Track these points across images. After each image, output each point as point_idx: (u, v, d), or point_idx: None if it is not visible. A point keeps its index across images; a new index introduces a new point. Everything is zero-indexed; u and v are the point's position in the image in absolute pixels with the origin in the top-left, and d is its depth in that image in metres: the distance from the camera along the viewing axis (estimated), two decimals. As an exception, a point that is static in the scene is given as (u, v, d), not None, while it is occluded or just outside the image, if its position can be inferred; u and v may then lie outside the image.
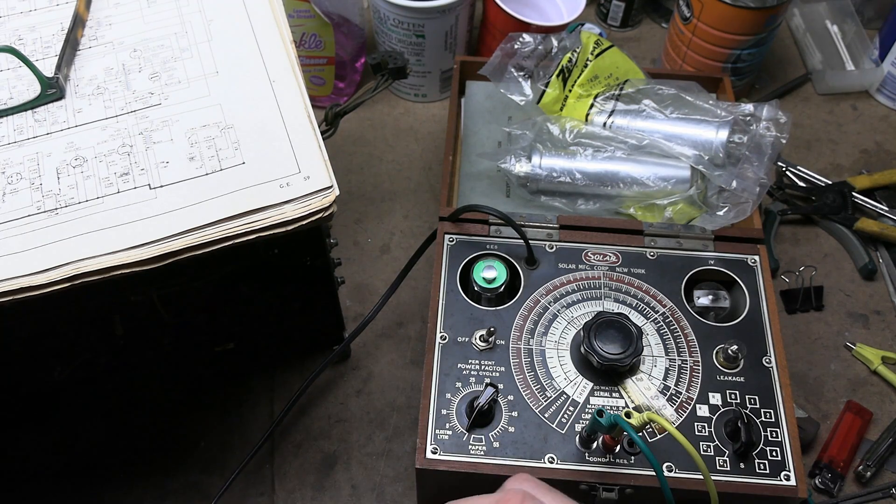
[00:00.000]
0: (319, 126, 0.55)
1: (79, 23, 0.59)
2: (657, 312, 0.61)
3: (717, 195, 0.67)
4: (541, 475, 0.53)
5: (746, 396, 0.57)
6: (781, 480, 0.54)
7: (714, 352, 0.59)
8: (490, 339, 0.59)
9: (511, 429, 0.55)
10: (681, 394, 0.57)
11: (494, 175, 0.70)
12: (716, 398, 0.57)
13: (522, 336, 0.59)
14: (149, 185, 0.51)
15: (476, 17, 0.91)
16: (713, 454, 0.55)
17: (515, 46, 0.71)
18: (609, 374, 0.57)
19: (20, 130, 0.54)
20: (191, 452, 0.69)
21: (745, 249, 0.64)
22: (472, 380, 0.57)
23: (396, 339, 0.75)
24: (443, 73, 0.89)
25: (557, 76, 0.70)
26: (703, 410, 0.57)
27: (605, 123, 0.70)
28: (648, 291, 0.62)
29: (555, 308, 0.61)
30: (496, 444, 0.55)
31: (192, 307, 0.61)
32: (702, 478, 0.51)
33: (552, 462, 0.54)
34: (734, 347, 0.58)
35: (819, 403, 0.72)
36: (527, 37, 0.71)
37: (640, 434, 0.48)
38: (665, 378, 0.58)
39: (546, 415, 0.56)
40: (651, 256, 0.64)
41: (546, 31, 0.77)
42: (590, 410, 0.56)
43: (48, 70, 0.55)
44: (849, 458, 0.68)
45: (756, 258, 0.64)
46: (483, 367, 0.58)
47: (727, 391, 0.57)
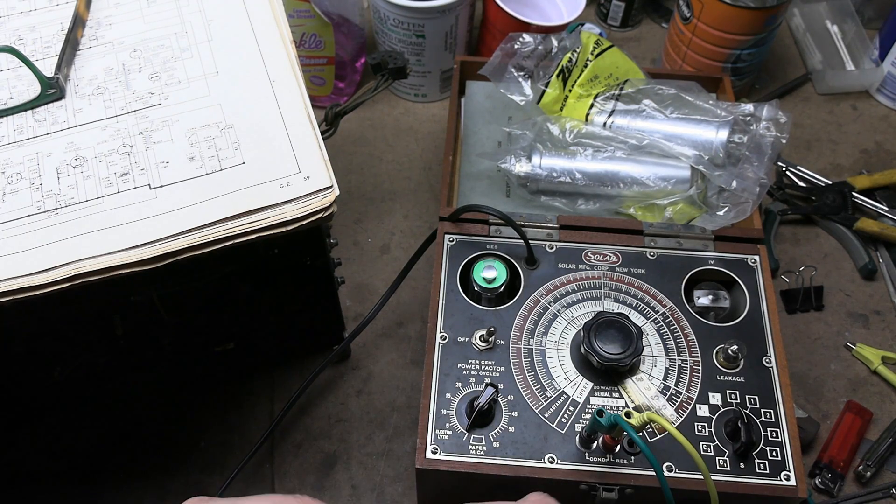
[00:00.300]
0: (319, 126, 0.55)
1: (79, 23, 0.59)
2: (657, 312, 0.61)
3: (717, 195, 0.67)
4: (541, 475, 0.54)
5: (746, 396, 0.57)
6: (781, 480, 0.54)
7: (714, 352, 0.59)
8: (490, 339, 0.59)
9: (511, 429, 0.55)
10: (681, 394, 0.57)
11: (494, 175, 0.70)
12: (716, 398, 0.57)
13: (522, 336, 0.59)
14: (149, 185, 0.51)
15: (476, 17, 0.91)
16: (713, 454, 0.55)
17: (515, 46, 0.71)
18: (609, 374, 0.57)
19: (20, 130, 0.54)
20: (191, 452, 0.69)
21: (745, 249, 0.64)
22: (472, 380, 0.57)
23: (396, 339, 0.75)
24: (443, 73, 0.89)
25: (557, 76, 0.70)
26: (703, 410, 0.57)
27: (605, 123, 0.70)
28: (648, 291, 0.62)
29: (555, 308, 0.61)
30: (496, 444, 0.55)
31: (192, 307, 0.61)
32: (702, 478, 0.51)
33: (552, 462, 0.54)
34: (734, 347, 0.58)
35: (819, 403, 0.72)
36: (527, 37, 0.71)
37: (640, 434, 0.48)
38: (665, 378, 0.58)
39: (546, 415, 0.56)
40: (651, 256, 0.64)
41: (546, 31, 0.77)
42: (590, 410, 0.56)
43: (48, 70, 0.55)
44: (849, 458, 0.68)
45: (756, 258, 0.64)
46: (483, 367, 0.58)
47: (727, 391, 0.57)
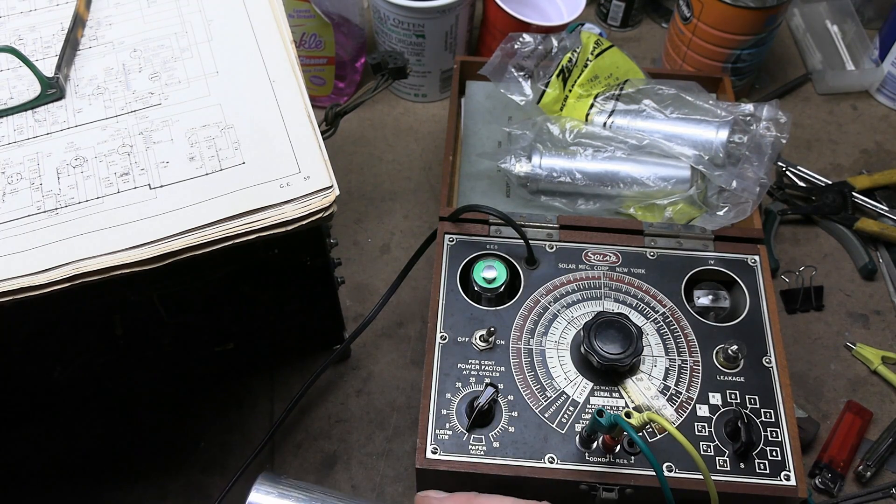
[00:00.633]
0: (319, 126, 0.55)
1: (79, 23, 0.59)
2: (657, 312, 0.61)
3: (717, 195, 0.67)
4: (541, 475, 0.54)
5: (746, 396, 0.57)
6: (781, 480, 0.54)
7: (714, 352, 0.59)
8: (490, 339, 0.59)
9: (511, 429, 0.55)
10: (681, 394, 0.57)
11: (494, 175, 0.70)
12: (716, 398, 0.57)
13: (522, 336, 0.59)
14: (149, 185, 0.51)
15: (476, 17, 0.91)
16: (713, 454, 0.55)
17: (515, 46, 0.71)
18: (609, 374, 0.57)
19: (20, 130, 0.54)
20: (191, 452, 0.69)
21: (745, 249, 0.64)
22: (472, 380, 0.57)
23: (396, 339, 0.75)
24: (443, 73, 0.89)
25: (557, 76, 0.70)
26: (703, 410, 0.57)
27: (605, 123, 0.70)
28: (648, 291, 0.62)
29: (555, 308, 0.61)
30: (496, 444, 0.55)
31: (192, 307, 0.61)
32: (702, 478, 0.51)
33: (552, 462, 0.54)
34: (734, 347, 0.58)
35: (819, 403, 0.72)
36: (527, 37, 0.71)
37: (640, 434, 0.48)
38: (665, 378, 0.58)
39: (546, 415, 0.56)
40: (651, 256, 0.64)
41: (546, 31, 0.77)
42: (590, 410, 0.56)
43: (48, 70, 0.55)
44: (849, 458, 0.68)
45: (756, 258, 0.64)
46: (483, 367, 0.58)
47: (727, 391, 0.57)
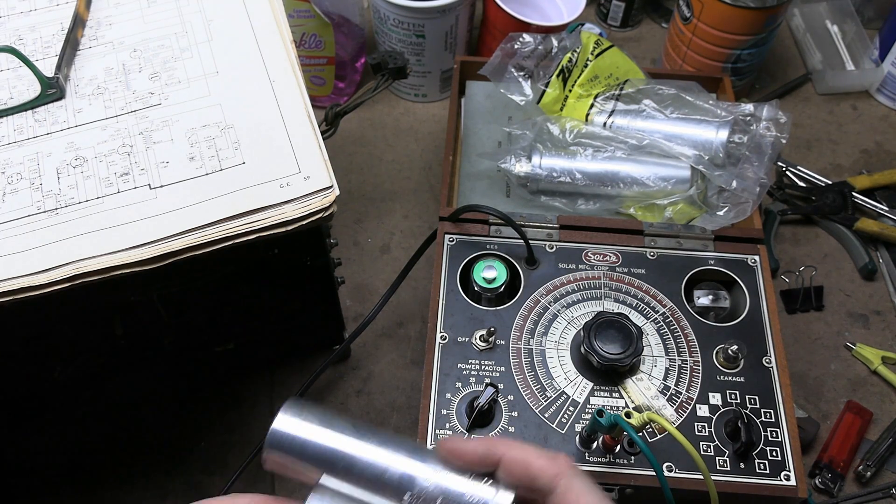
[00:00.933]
0: (319, 126, 0.55)
1: (79, 23, 0.59)
2: (657, 312, 0.61)
3: (717, 195, 0.67)
4: (541, 475, 0.54)
5: (746, 396, 0.57)
6: (781, 480, 0.54)
7: (714, 352, 0.59)
8: (490, 339, 0.59)
9: (511, 429, 0.55)
10: (681, 394, 0.57)
11: (494, 175, 0.70)
12: (716, 398, 0.57)
13: (522, 336, 0.59)
14: (149, 185, 0.51)
15: (476, 17, 0.91)
16: (713, 454, 0.55)
17: (515, 46, 0.71)
18: (609, 374, 0.57)
19: (20, 130, 0.54)
20: (191, 452, 0.69)
21: (745, 249, 0.64)
22: (472, 380, 0.57)
23: (396, 339, 0.75)
24: (443, 73, 0.89)
25: (557, 76, 0.70)
26: (703, 410, 0.57)
27: (605, 123, 0.70)
28: (648, 291, 0.62)
29: (555, 308, 0.61)
30: (496, 444, 0.55)
31: (192, 307, 0.61)
32: (702, 478, 0.51)
33: (552, 462, 0.54)
34: (734, 347, 0.58)
35: (819, 403, 0.72)
36: (527, 37, 0.71)
37: (640, 434, 0.48)
38: (665, 378, 0.58)
39: (546, 415, 0.56)
40: (651, 256, 0.63)
41: (546, 31, 0.77)
42: (590, 410, 0.56)
43: (48, 70, 0.55)
44: (849, 458, 0.68)
45: (756, 258, 0.64)
46: (483, 367, 0.58)
47: (727, 391, 0.57)
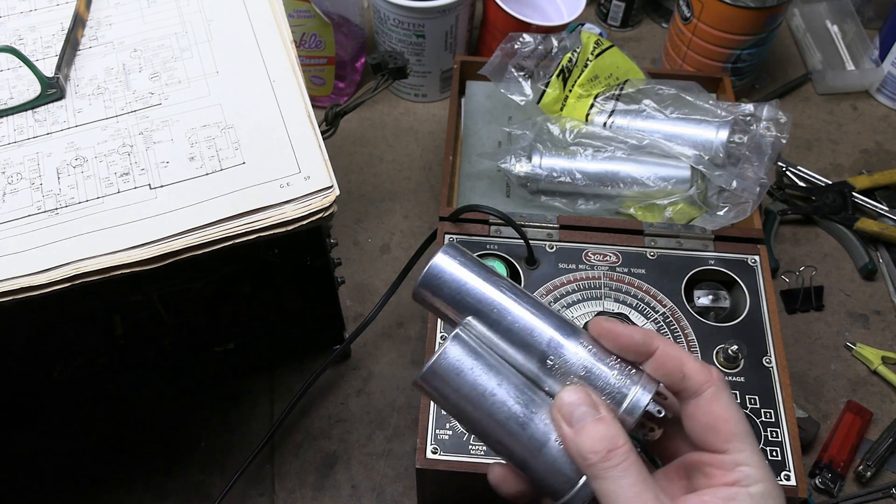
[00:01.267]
0: (319, 126, 0.55)
1: (79, 23, 0.59)
2: (657, 312, 0.61)
3: (717, 195, 0.67)
4: (541, 475, 0.54)
5: (746, 396, 0.57)
6: (781, 480, 0.54)
7: (714, 352, 0.59)
8: (490, 339, 0.58)
9: (511, 429, 0.55)
10: (681, 394, 0.57)
11: (494, 175, 0.70)
12: (716, 398, 0.57)
13: (522, 336, 0.59)
14: (149, 185, 0.51)
15: (476, 17, 0.91)
16: (713, 454, 0.55)
17: (515, 46, 0.71)
18: (609, 374, 0.57)
19: (20, 130, 0.54)
20: (191, 452, 0.69)
21: (745, 249, 0.64)
22: (473, 380, 0.57)
23: (396, 339, 0.75)
24: (443, 73, 0.89)
25: (557, 76, 0.70)
26: (704, 410, 0.56)
27: (606, 123, 0.70)
28: (648, 291, 0.62)
29: (555, 308, 0.61)
30: (496, 444, 0.55)
31: (193, 307, 0.61)
32: (702, 478, 0.51)
33: (552, 462, 0.54)
34: (734, 347, 0.58)
35: (819, 403, 0.72)
36: (527, 37, 0.71)
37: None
38: (665, 378, 0.58)
39: (546, 415, 0.56)
40: (651, 256, 0.63)
41: (546, 31, 0.77)
42: (590, 410, 0.56)
43: (48, 70, 0.55)
44: (849, 458, 0.68)
45: (756, 258, 0.64)
46: (483, 367, 0.58)
47: (727, 391, 0.57)
